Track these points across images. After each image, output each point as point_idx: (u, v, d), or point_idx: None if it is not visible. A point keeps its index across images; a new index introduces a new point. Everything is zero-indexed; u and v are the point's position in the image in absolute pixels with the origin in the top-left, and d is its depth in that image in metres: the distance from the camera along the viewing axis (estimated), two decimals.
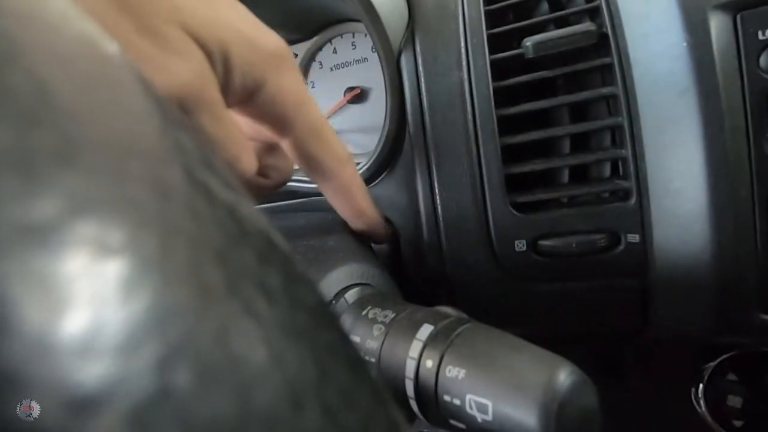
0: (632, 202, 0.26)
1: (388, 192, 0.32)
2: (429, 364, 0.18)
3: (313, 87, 0.40)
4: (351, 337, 0.22)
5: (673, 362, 0.33)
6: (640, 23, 0.25)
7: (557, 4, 0.29)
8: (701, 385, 0.31)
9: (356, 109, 0.38)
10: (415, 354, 0.19)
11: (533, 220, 0.27)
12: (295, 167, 0.28)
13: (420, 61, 0.29)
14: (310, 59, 0.39)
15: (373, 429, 0.07)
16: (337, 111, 0.38)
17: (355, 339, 0.22)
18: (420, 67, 0.29)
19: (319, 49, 0.39)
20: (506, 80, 0.28)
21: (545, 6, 0.29)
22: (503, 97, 0.28)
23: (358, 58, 0.37)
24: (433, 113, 0.29)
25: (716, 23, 0.23)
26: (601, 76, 0.28)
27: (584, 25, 0.26)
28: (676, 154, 0.25)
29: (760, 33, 0.23)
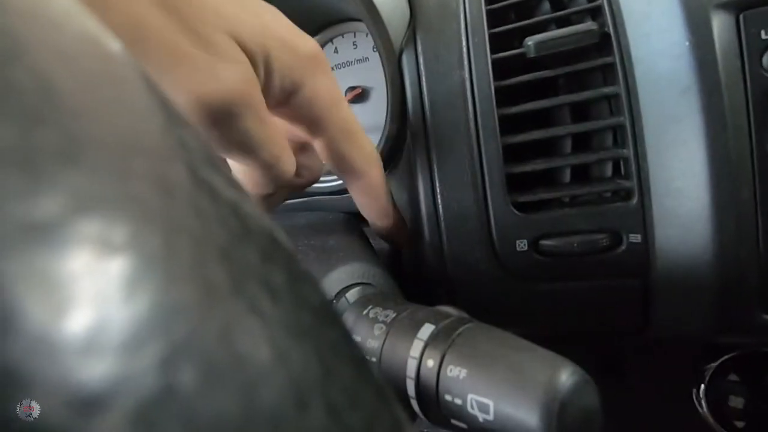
0: (634, 201, 0.26)
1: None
2: (430, 363, 0.18)
3: None
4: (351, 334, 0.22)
5: (675, 362, 0.33)
6: (642, 22, 0.25)
7: (559, 4, 0.29)
8: (702, 386, 0.31)
9: (357, 108, 0.38)
10: (416, 353, 0.19)
11: (534, 220, 0.27)
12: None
13: (421, 60, 0.29)
14: None
15: (377, 428, 0.07)
16: None
17: (357, 338, 0.22)
18: (421, 67, 0.29)
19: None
20: (508, 80, 0.28)
21: (547, 5, 0.29)
22: (505, 96, 0.28)
23: (359, 58, 0.37)
24: (434, 113, 0.29)
25: (718, 23, 0.23)
26: (602, 76, 0.28)
27: (586, 25, 0.26)
28: (677, 154, 0.25)
29: (762, 33, 0.23)
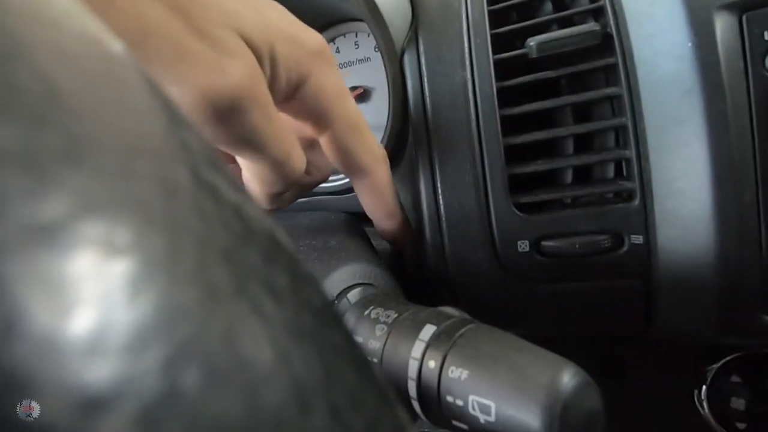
0: (636, 202, 0.26)
1: None
2: (432, 364, 0.18)
3: None
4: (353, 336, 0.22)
5: (676, 363, 0.33)
6: (644, 23, 0.25)
7: (561, 4, 0.29)
8: (704, 387, 0.31)
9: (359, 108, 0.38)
10: (417, 354, 0.19)
11: (536, 221, 0.27)
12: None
13: (423, 60, 0.29)
14: None
15: (379, 430, 0.07)
16: None
17: (358, 339, 0.22)
18: (423, 67, 0.29)
19: None
20: (510, 80, 0.28)
21: (549, 6, 0.29)
22: (507, 97, 0.28)
23: (361, 58, 0.37)
24: (436, 113, 0.29)
25: (721, 23, 0.23)
26: (605, 77, 0.28)
27: (588, 25, 0.26)
28: (680, 155, 0.25)
29: (766, 33, 0.23)
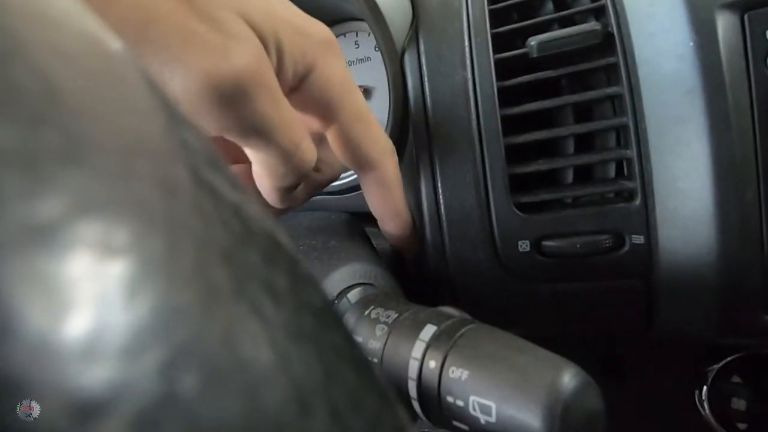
0: (637, 202, 0.26)
1: None
2: (432, 364, 0.18)
3: None
4: (353, 337, 0.22)
5: (677, 363, 0.33)
6: (645, 22, 0.25)
7: (562, 4, 0.29)
8: (705, 387, 0.30)
9: None
10: (418, 354, 0.19)
11: (537, 221, 0.27)
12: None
13: (424, 60, 0.29)
14: None
15: (379, 430, 0.07)
16: None
17: (358, 339, 0.22)
18: (424, 67, 0.29)
19: None
20: (510, 80, 0.28)
21: (550, 5, 0.29)
22: (507, 96, 0.28)
23: (361, 58, 0.37)
24: (436, 113, 0.29)
25: (723, 23, 0.23)
26: (606, 76, 0.28)
27: (589, 25, 0.26)
28: (681, 155, 0.25)
29: (767, 33, 0.22)
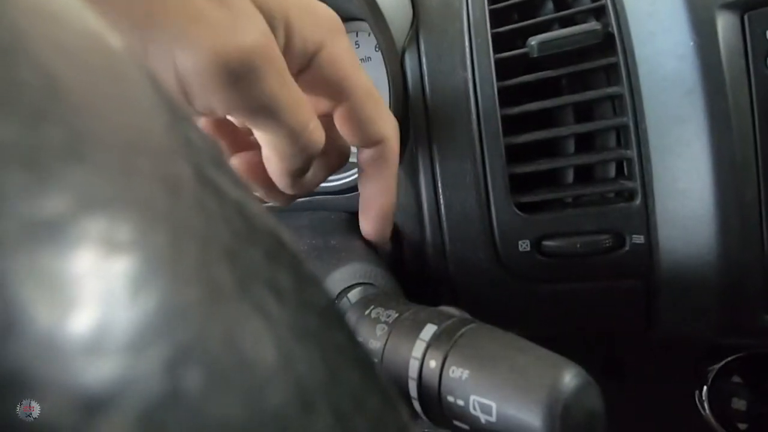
0: (637, 202, 0.26)
1: None
2: (432, 364, 0.18)
3: None
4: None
5: (677, 364, 0.33)
6: (646, 22, 0.25)
7: (562, 4, 0.29)
8: (705, 387, 0.31)
9: None
10: (418, 354, 0.19)
11: (537, 221, 0.27)
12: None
13: (424, 60, 0.29)
14: None
15: (382, 431, 0.07)
16: None
17: (359, 339, 0.22)
18: (424, 67, 0.29)
19: None
20: (511, 80, 0.28)
21: (550, 5, 0.29)
22: (508, 96, 0.28)
23: (361, 57, 0.37)
24: (436, 112, 0.29)
25: (723, 23, 0.23)
26: (606, 76, 0.28)
27: (589, 25, 0.26)
28: (681, 155, 0.25)
29: (767, 33, 0.23)
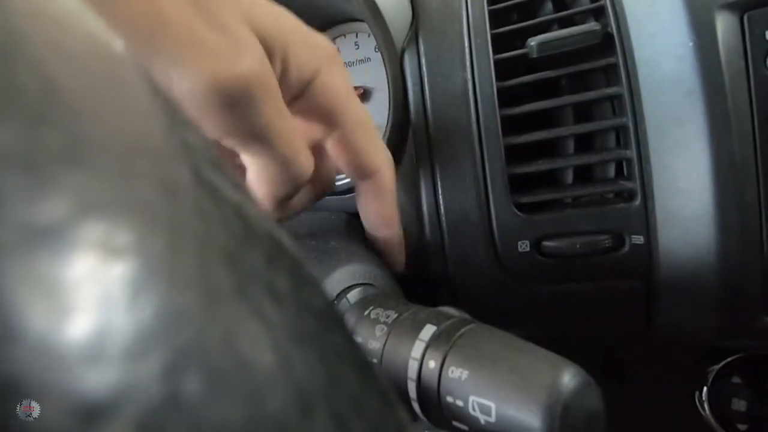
0: (637, 203, 0.26)
1: None
2: (432, 364, 0.18)
3: None
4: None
5: (677, 364, 0.33)
6: (645, 23, 0.25)
7: (561, 4, 0.29)
8: (705, 388, 0.31)
9: None
10: (417, 355, 0.19)
11: (537, 221, 0.27)
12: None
13: (423, 60, 0.29)
14: None
15: None
16: None
17: (358, 339, 0.22)
18: (423, 67, 0.29)
19: None
20: (510, 80, 0.28)
21: (549, 6, 0.29)
22: (507, 97, 0.28)
23: (361, 58, 0.37)
24: (436, 113, 0.29)
25: (723, 23, 0.23)
26: (605, 76, 0.28)
27: (589, 25, 0.26)
28: (681, 155, 0.25)
29: (767, 33, 0.23)
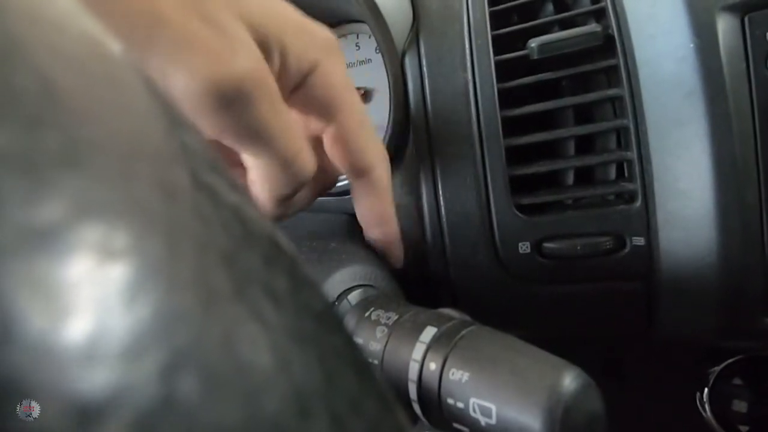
0: (637, 204, 0.26)
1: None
2: (432, 366, 0.18)
3: None
4: (354, 340, 0.22)
5: (678, 366, 0.33)
6: (646, 24, 0.25)
7: (562, 5, 0.29)
8: (706, 389, 0.30)
9: None
10: (418, 356, 0.19)
11: (537, 222, 0.27)
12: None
13: (424, 62, 0.29)
14: None
15: None
16: None
17: (358, 341, 0.22)
18: (424, 68, 0.29)
19: None
20: (511, 81, 0.28)
21: (550, 7, 0.29)
22: (508, 98, 0.28)
23: (362, 59, 0.37)
24: (437, 114, 0.29)
25: (723, 25, 0.23)
26: (606, 78, 0.28)
27: (590, 27, 0.26)
28: (682, 157, 0.25)
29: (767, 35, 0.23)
